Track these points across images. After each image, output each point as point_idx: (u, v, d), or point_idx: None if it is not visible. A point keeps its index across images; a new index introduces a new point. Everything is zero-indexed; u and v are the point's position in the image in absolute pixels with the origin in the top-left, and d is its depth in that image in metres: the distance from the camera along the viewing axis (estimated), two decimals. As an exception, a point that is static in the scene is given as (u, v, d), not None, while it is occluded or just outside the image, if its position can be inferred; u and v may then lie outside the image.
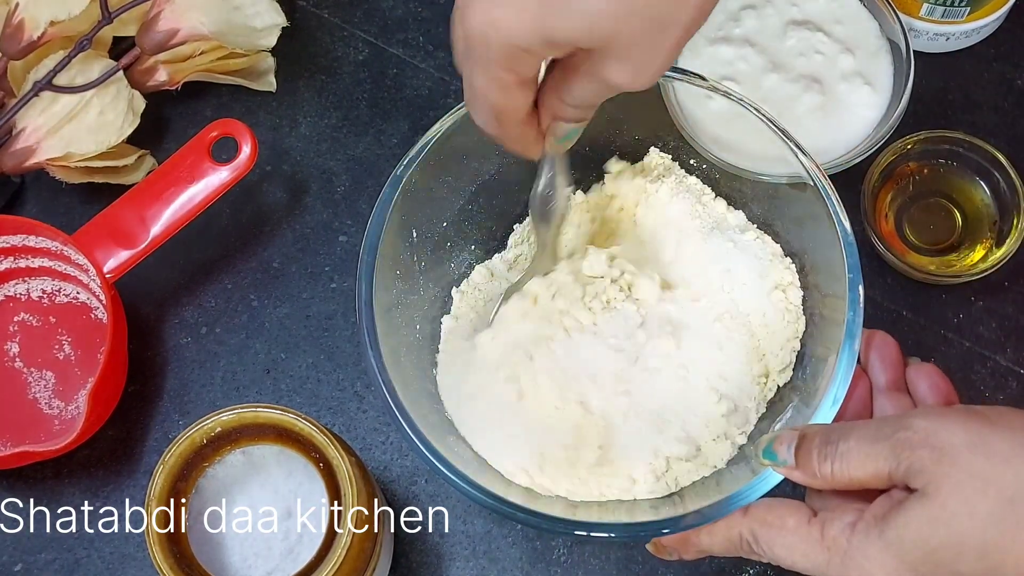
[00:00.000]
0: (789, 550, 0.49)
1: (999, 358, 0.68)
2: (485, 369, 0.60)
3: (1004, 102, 0.73)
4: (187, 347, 0.70)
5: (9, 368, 0.69)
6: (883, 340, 0.56)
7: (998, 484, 0.44)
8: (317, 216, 0.73)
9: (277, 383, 0.69)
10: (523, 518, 0.54)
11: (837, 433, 0.49)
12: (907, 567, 0.46)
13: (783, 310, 0.61)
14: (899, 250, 0.68)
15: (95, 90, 0.68)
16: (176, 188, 0.67)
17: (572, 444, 0.58)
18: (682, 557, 0.54)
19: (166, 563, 0.53)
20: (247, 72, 0.75)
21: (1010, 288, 0.69)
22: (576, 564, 0.65)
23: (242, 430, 0.56)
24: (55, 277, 0.70)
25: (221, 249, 0.72)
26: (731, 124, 0.63)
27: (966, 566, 0.45)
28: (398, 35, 0.77)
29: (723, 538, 0.52)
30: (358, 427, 0.68)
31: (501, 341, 0.60)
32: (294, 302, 0.71)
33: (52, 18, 0.67)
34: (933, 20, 0.71)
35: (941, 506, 0.45)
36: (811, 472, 0.49)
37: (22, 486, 0.67)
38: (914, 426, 0.46)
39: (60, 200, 0.73)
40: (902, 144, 0.68)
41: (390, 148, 0.74)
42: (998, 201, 0.68)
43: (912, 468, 0.46)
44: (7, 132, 0.69)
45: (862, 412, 0.55)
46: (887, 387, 0.55)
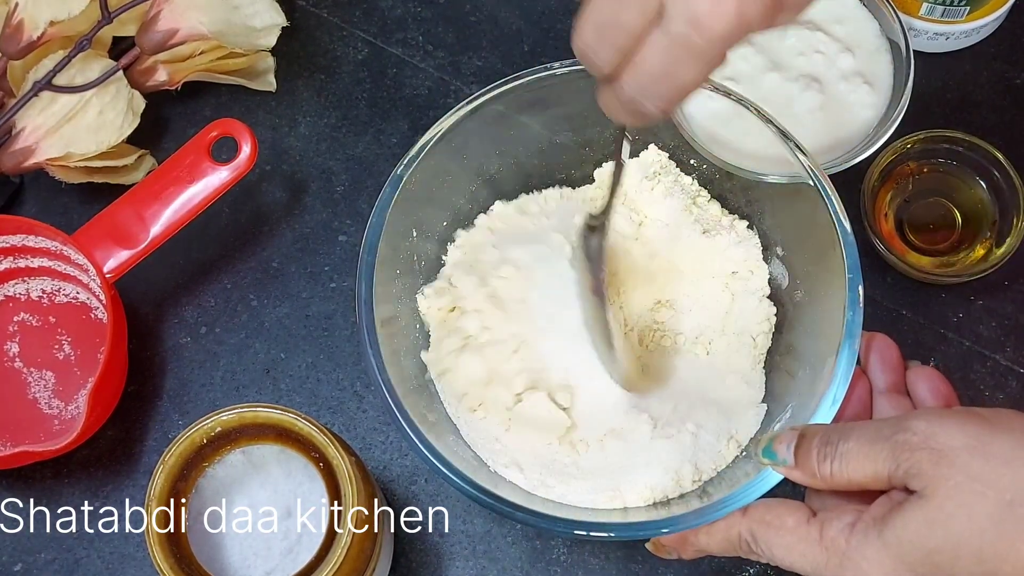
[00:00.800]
0: (787, 550, 0.49)
1: (999, 357, 0.68)
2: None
3: (1003, 101, 0.73)
4: (187, 347, 0.70)
5: (9, 368, 0.69)
6: (883, 342, 0.56)
7: (997, 487, 0.44)
8: (317, 216, 0.73)
9: (277, 383, 0.69)
10: (522, 517, 0.54)
11: (837, 433, 0.49)
12: (905, 568, 0.46)
13: (767, 310, 0.61)
14: (899, 250, 0.68)
15: (95, 90, 0.68)
16: (176, 188, 0.67)
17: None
18: (681, 557, 0.54)
19: (166, 563, 0.53)
20: (247, 72, 0.75)
21: (1010, 287, 0.69)
22: (576, 564, 0.65)
23: (242, 430, 0.56)
24: (55, 277, 0.70)
25: (221, 249, 0.72)
26: (730, 124, 0.63)
27: (964, 569, 0.45)
28: (397, 35, 0.77)
29: (722, 538, 0.52)
30: (358, 427, 0.68)
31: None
32: (294, 302, 0.71)
33: (52, 18, 0.67)
34: (933, 20, 0.71)
35: (939, 508, 0.45)
36: (810, 472, 0.49)
37: (22, 486, 0.67)
38: (913, 428, 0.46)
39: (60, 200, 0.73)
40: (902, 144, 0.68)
41: (389, 148, 0.74)
42: (998, 201, 0.68)
43: (911, 470, 0.46)
44: (6, 132, 0.69)
45: (861, 413, 0.55)
46: (887, 389, 0.55)
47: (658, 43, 0.41)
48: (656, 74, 0.42)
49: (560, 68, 0.61)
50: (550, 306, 0.61)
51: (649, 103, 0.43)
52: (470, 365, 0.60)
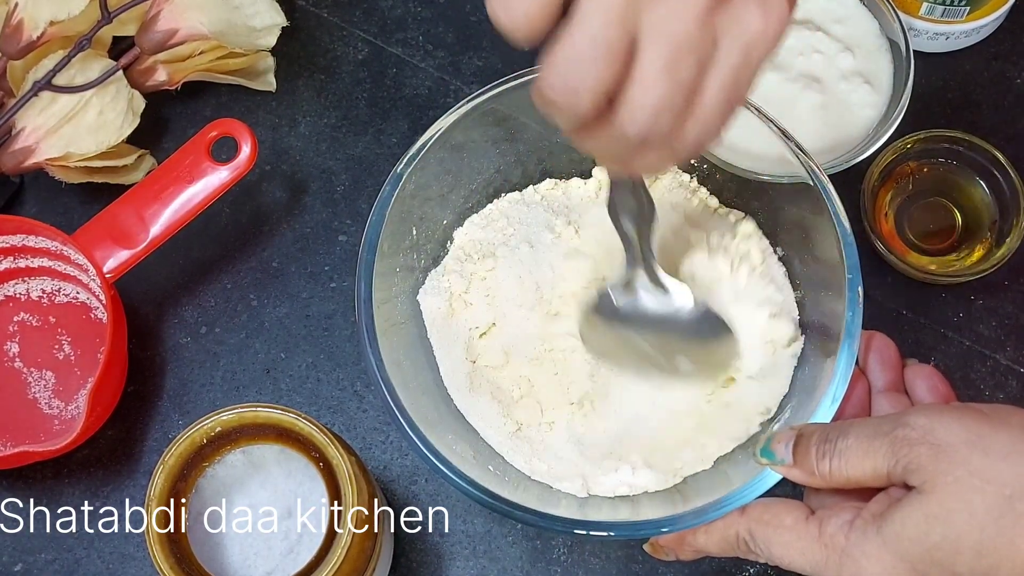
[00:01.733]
0: (786, 548, 0.49)
1: (999, 357, 0.68)
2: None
3: (1004, 101, 0.73)
4: (187, 347, 0.70)
5: (9, 368, 0.69)
6: (882, 342, 0.56)
7: (996, 482, 0.44)
8: (317, 216, 0.73)
9: (277, 383, 0.69)
10: (522, 516, 0.54)
11: (836, 431, 0.49)
12: (905, 565, 0.46)
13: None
14: (899, 250, 0.68)
15: (94, 90, 0.68)
16: (176, 188, 0.67)
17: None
18: (679, 558, 0.54)
19: (166, 563, 0.53)
20: (246, 72, 0.75)
21: (1010, 287, 0.69)
22: (576, 564, 0.65)
23: (242, 430, 0.56)
24: (55, 277, 0.70)
25: (221, 249, 0.72)
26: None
27: (964, 564, 0.45)
28: (397, 34, 0.77)
29: (720, 538, 0.52)
30: (358, 427, 0.68)
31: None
32: (294, 302, 0.71)
33: (51, 18, 0.67)
34: (933, 19, 0.71)
35: (939, 503, 0.45)
36: (809, 470, 0.49)
37: (22, 486, 0.67)
38: (912, 423, 0.46)
39: (60, 200, 0.73)
40: (902, 143, 0.68)
41: (389, 147, 0.74)
42: (998, 200, 0.68)
43: (910, 465, 0.46)
44: (6, 132, 0.69)
45: (860, 413, 0.55)
46: (885, 388, 0.55)
47: (717, 82, 0.40)
48: (718, 112, 0.40)
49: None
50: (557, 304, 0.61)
51: (705, 144, 0.41)
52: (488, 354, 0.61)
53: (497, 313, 0.62)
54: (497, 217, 0.65)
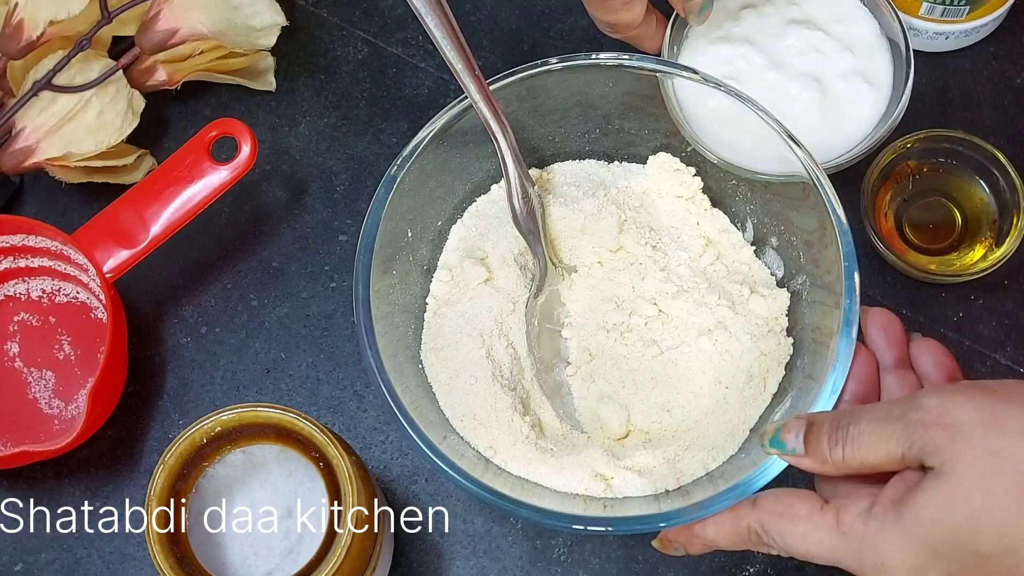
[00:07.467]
0: (803, 539, 0.49)
1: (999, 356, 0.68)
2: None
3: (1004, 101, 0.73)
4: (187, 347, 0.70)
5: (9, 368, 0.69)
6: (887, 317, 0.55)
7: (1014, 460, 0.44)
8: (317, 215, 0.73)
9: (277, 383, 0.69)
10: (523, 513, 0.54)
11: (847, 418, 0.48)
12: (926, 549, 0.45)
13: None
14: (899, 249, 0.68)
15: (94, 90, 0.68)
16: (176, 188, 0.67)
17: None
18: (688, 552, 0.54)
19: (166, 563, 0.53)
20: (246, 72, 0.75)
21: (1010, 287, 0.69)
22: (576, 563, 0.65)
23: (242, 430, 0.56)
24: (55, 277, 0.70)
25: (221, 249, 0.72)
26: (730, 122, 0.63)
27: (985, 544, 0.44)
28: (397, 34, 0.77)
29: (731, 530, 0.51)
30: (358, 427, 0.68)
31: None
32: (294, 302, 0.71)
33: (51, 18, 0.67)
34: (932, 19, 0.71)
35: (958, 485, 0.44)
36: (822, 458, 0.48)
37: (22, 486, 0.67)
38: (925, 405, 0.46)
39: (60, 200, 0.73)
40: (902, 143, 0.68)
41: (389, 147, 0.74)
42: (998, 200, 0.68)
43: (926, 447, 0.45)
44: (6, 132, 0.69)
45: (870, 391, 0.54)
46: (893, 365, 0.54)
47: None
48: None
49: (555, 63, 0.61)
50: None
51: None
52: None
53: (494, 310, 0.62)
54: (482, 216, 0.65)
